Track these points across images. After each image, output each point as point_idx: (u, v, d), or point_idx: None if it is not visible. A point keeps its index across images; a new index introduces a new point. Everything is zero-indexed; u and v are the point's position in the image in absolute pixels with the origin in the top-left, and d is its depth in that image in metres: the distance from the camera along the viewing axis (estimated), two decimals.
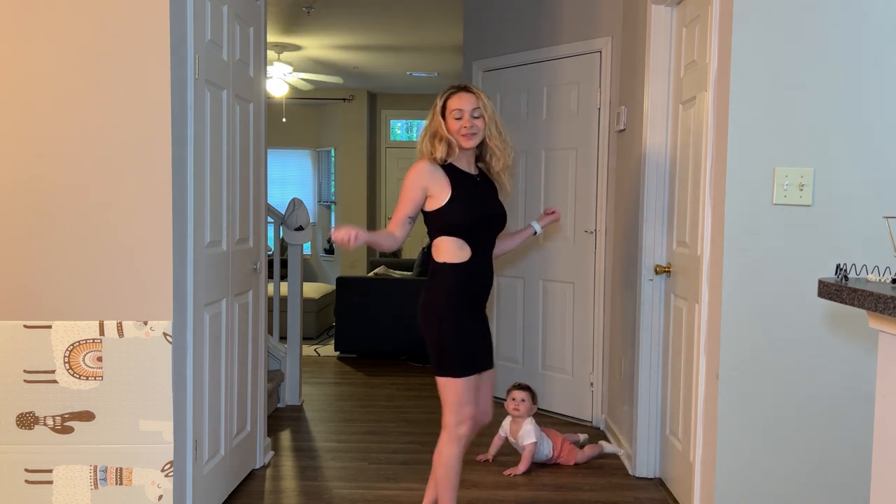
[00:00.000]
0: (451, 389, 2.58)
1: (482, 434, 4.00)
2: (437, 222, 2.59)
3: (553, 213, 2.93)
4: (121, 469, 2.55)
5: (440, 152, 2.59)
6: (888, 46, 2.53)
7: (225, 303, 3.05)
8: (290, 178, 10.42)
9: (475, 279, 2.63)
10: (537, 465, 3.63)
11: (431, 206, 2.59)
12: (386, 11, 6.18)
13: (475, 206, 2.61)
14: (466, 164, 2.67)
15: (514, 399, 3.63)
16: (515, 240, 2.92)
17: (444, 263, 2.60)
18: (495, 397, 3.60)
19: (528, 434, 3.58)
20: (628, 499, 3.27)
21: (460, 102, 2.59)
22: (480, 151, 2.70)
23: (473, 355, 2.62)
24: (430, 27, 6.64)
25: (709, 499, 2.70)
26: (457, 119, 2.59)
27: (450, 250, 2.59)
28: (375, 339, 6.13)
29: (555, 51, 4.44)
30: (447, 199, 2.57)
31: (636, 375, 3.51)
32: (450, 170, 2.62)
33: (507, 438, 3.70)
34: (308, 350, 6.43)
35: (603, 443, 3.86)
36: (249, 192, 3.35)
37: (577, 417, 4.40)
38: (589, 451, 3.75)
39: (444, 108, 2.62)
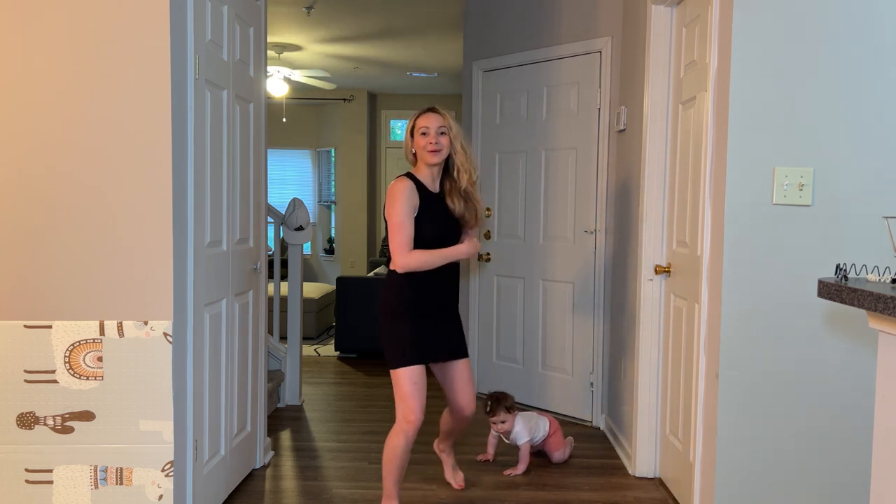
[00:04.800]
0: (396, 381, 2.85)
1: (481, 434, 4.01)
2: None
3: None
4: (121, 469, 2.55)
5: (411, 164, 2.96)
6: (888, 46, 2.53)
7: (225, 303, 3.05)
8: (290, 178, 10.42)
9: (426, 284, 2.87)
10: (537, 465, 3.64)
11: None
12: (386, 11, 6.18)
13: (437, 223, 2.87)
14: (431, 182, 2.93)
15: (494, 424, 3.61)
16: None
17: (394, 270, 2.88)
18: (482, 394, 3.63)
19: (519, 435, 3.58)
20: (628, 499, 3.27)
21: (426, 121, 2.87)
22: (448, 169, 2.96)
23: (417, 348, 2.85)
24: (431, 27, 6.64)
25: (709, 499, 2.70)
26: (423, 135, 2.87)
27: None
28: (375, 339, 6.09)
29: (555, 51, 4.44)
30: (415, 217, 2.82)
31: (636, 375, 3.51)
32: (419, 188, 2.87)
33: (501, 437, 3.71)
34: (308, 350, 6.44)
35: (570, 438, 3.87)
36: (249, 192, 3.36)
37: (577, 417, 4.40)
38: (568, 449, 3.76)
39: (413, 127, 2.90)
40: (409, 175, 2.90)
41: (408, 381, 2.83)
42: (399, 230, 2.79)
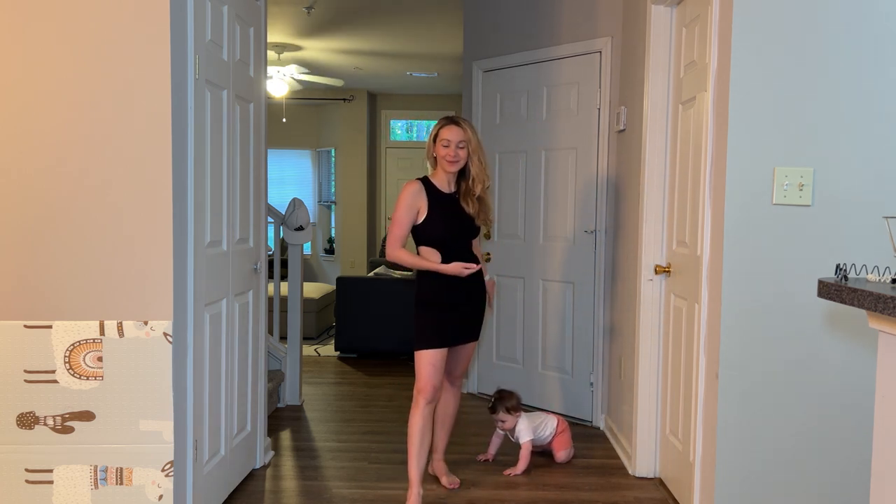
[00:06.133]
0: (418, 361, 3.11)
1: (481, 434, 4.01)
2: (418, 235, 3.14)
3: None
4: (121, 469, 2.55)
5: (430, 166, 3.25)
6: (888, 46, 2.53)
7: (225, 303, 3.05)
8: (290, 178, 10.41)
9: (442, 279, 3.12)
10: (537, 465, 3.64)
11: (416, 221, 3.12)
12: (386, 11, 6.18)
13: (447, 222, 3.12)
14: (446, 184, 3.19)
15: (496, 422, 3.66)
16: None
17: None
18: (483, 393, 3.63)
19: (522, 433, 3.58)
20: (628, 499, 3.27)
21: (449, 134, 3.12)
22: (464, 174, 3.19)
23: (436, 335, 3.11)
24: (431, 26, 6.64)
25: (709, 499, 2.70)
26: (444, 147, 3.11)
27: (427, 257, 3.15)
28: (375, 339, 6.13)
29: (555, 51, 4.44)
30: (425, 217, 3.10)
31: (636, 375, 3.51)
32: (430, 190, 3.13)
33: (505, 435, 3.71)
34: (308, 350, 6.44)
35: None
36: (249, 192, 3.36)
37: (577, 417, 4.40)
38: (571, 453, 3.76)
39: (436, 135, 3.14)
40: (425, 179, 3.17)
41: (427, 363, 3.09)
42: (395, 225, 3.12)
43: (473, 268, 3.09)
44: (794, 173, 2.56)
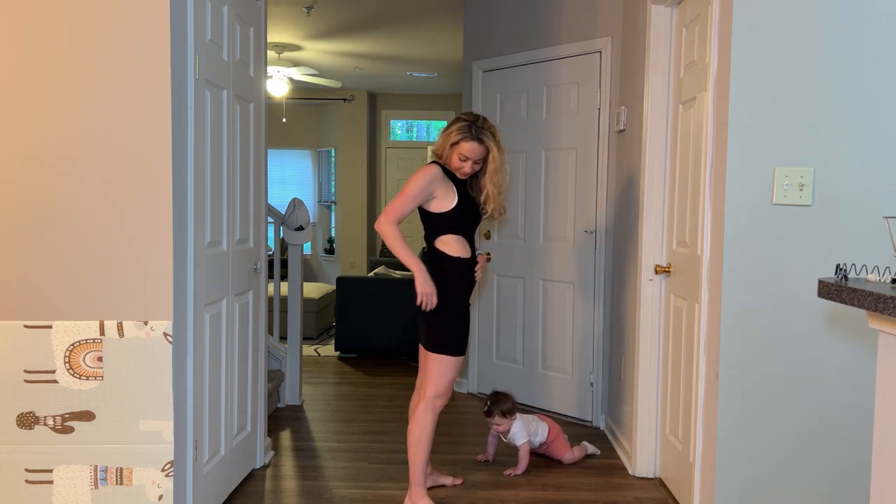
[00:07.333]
0: (443, 366, 2.97)
1: (481, 434, 4.01)
2: (444, 222, 2.98)
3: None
4: (121, 469, 2.55)
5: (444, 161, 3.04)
6: (888, 46, 2.53)
7: (225, 303, 3.05)
8: (290, 178, 10.42)
9: (470, 275, 3.04)
10: (537, 465, 3.64)
11: (438, 207, 2.97)
12: (386, 11, 6.18)
13: (470, 209, 3.03)
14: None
15: (491, 425, 3.65)
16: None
17: (458, 258, 2.99)
18: (483, 393, 3.63)
19: (517, 435, 3.57)
20: (628, 499, 3.27)
21: (469, 151, 2.93)
22: (476, 177, 3.05)
23: (466, 337, 3.04)
24: (431, 27, 6.64)
25: (709, 499, 2.71)
26: (461, 161, 2.95)
27: (458, 247, 3.00)
28: (375, 339, 6.13)
29: (555, 51, 4.44)
30: (455, 203, 2.96)
31: (636, 375, 3.51)
32: (451, 176, 3.00)
33: (500, 437, 3.71)
34: (308, 350, 6.44)
35: (585, 443, 3.85)
36: (249, 192, 3.36)
37: (577, 417, 4.40)
38: (578, 452, 3.74)
39: (456, 142, 2.93)
40: (441, 164, 3.02)
41: (456, 369, 3.01)
42: (403, 199, 2.90)
43: (430, 293, 2.89)
44: (794, 173, 2.56)
